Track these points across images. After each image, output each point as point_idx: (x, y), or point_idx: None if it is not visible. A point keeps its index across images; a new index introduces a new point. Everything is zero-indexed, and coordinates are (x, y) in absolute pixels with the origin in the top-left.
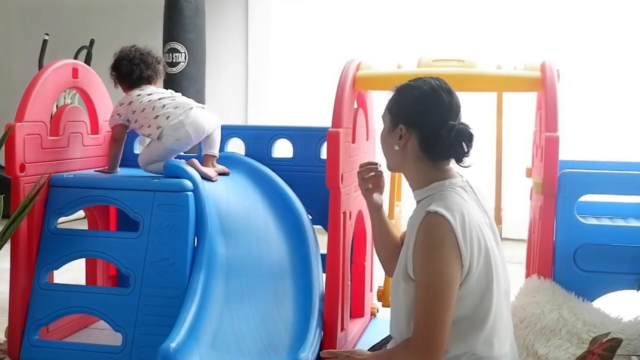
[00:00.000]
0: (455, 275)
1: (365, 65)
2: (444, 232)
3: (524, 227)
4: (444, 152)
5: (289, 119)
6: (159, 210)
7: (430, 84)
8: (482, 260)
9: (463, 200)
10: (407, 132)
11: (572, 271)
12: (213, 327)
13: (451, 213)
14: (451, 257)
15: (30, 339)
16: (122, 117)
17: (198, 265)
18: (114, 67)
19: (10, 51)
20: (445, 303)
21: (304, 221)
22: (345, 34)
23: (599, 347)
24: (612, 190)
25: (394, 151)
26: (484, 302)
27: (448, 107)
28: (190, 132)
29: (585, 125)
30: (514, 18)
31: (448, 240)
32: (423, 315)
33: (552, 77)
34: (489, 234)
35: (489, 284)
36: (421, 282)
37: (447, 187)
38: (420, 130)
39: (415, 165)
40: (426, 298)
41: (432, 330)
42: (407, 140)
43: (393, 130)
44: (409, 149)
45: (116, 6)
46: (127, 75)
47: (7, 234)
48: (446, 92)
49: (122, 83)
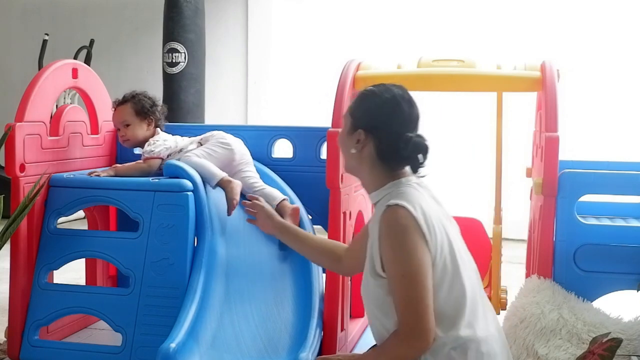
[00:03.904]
0: (427, 260)
1: (365, 65)
2: (407, 221)
3: (524, 227)
4: (400, 161)
5: (289, 119)
6: (159, 210)
7: (393, 93)
8: (446, 250)
9: (420, 194)
10: (365, 137)
11: (572, 271)
12: (213, 327)
13: (411, 204)
14: (419, 243)
15: (30, 339)
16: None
17: (198, 265)
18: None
19: (10, 51)
20: (423, 286)
21: (304, 221)
22: (345, 34)
23: (599, 347)
24: (612, 190)
25: (351, 154)
26: (454, 290)
27: (407, 118)
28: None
29: (585, 125)
30: (514, 18)
31: (412, 228)
32: (405, 303)
33: (552, 77)
34: (449, 225)
35: (456, 272)
36: (396, 273)
37: (404, 184)
38: (379, 138)
39: (371, 170)
40: (404, 286)
41: (417, 315)
42: (364, 145)
43: (352, 133)
44: (365, 153)
45: (116, 6)
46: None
47: (7, 234)
48: (407, 103)
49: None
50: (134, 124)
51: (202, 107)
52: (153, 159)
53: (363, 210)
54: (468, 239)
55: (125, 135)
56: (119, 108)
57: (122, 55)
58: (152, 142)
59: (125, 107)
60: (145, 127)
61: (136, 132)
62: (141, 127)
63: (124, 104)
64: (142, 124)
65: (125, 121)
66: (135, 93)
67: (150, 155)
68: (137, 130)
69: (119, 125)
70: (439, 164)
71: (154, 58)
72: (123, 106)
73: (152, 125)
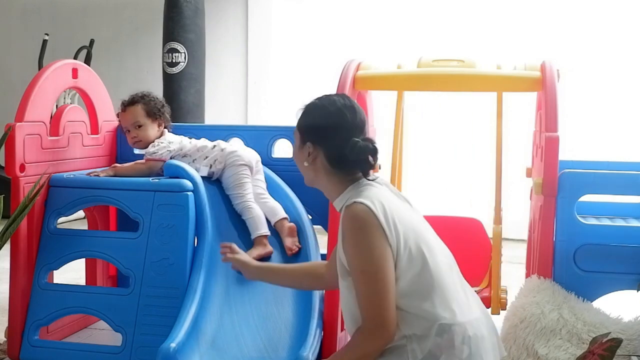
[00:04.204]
0: (387, 255)
1: (365, 65)
2: (366, 216)
3: (524, 227)
4: (351, 166)
5: (289, 119)
6: (159, 210)
7: (335, 103)
8: (410, 241)
9: (379, 190)
10: (314, 149)
11: (572, 271)
12: (213, 327)
13: (370, 200)
14: (378, 240)
15: (30, 339)
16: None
17: (198, 265)
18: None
19: (10, 51)
20: (384, 281)
21: (304, 221)
22: (345, 34)
23: (599, 347)
24: (612, 190)
25: (305, 167)
26: (422, 278)
27: (352, 124)
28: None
29: (585, 125)
30: (514, 18)
31: (372, 224)
32: (366, 299)
33: (552, 77)
34: (414, 217)
35: (424, 261)
36: (356, 268)
37: (362, 184)
38: (326, 148)
39: (327, 178)
40: (364, 282)
41: (379, 310)
42: (315, 157)
43: (302, 147)
44: (318, 164)
45: (116, 6)
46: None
47: (7, 234)
48: (349, 110)
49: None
50: (145, 125)
51: (202, 107)
52: (154, 160)
53: None
54: (468, 239)
55: (137, 136)
56: (129, 109)
57: (122, 55)
58: (156, 144)
59: (136, 108)
60: (156, 128)
61: (148, 133)
62: (153, 128)
63: (134, 104)
64: (154, 125)
65: (137, 122)
66: (144, 94)
67: (151, 157)
68: (149, 131)
69: (129, 126)
70: (439, 164)
71: (154, 58)
72: (133, 107)
73: (162, 126)
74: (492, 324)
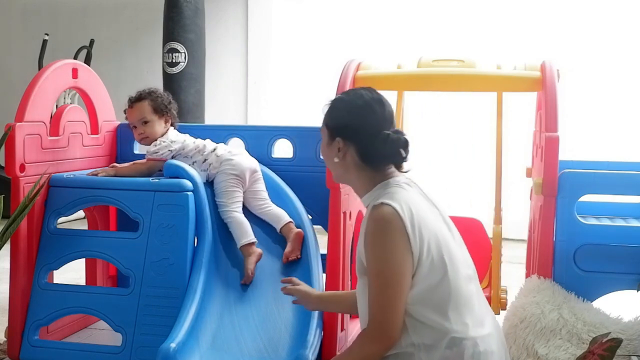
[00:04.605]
0: (405, 261)
1: (365, 65)
2: (391, 220)
3: (524, 227)
4: (383, 160)
5: (289, 119)
6: (159, 210)
7: (363, 97)
8: (433, 249)
9: (408, 193)
10: (344, 144)
11: (572, 271)
12: (213, 327)
13: (397, 203)
14: (400, 244)
15: (30, 339)
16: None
17: (198, 265)
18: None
19: (10, 51)
20: (397, 289)
21: (304, 221)
22: (345, 34)
23: (599, 347)
24: (612, 190)
25: (335, 163)
26: (440, 289)
27: (381, 117)
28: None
29: (585, 125)
30: (514, 18)
31: (396, 228)
32: (376, 302)
33: (552, 77)
34: (441, 225)
35: (445, 274)
36: (372, 271)
37: (392, 185)
38: (357, 142)
39: (358, 174)
40: (378, 286)
41: (386, 316)
42: (345, 152)
43: (331, 143)
44: (348, 160)
45: (116, 6)
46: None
47: (7, 234)
48: (378, 103)
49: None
50: (152, 121)
51: (202, 107)
52: (155, 160)
53: (363, 210)
54: (468, 239)
55: (143, 132)
56: (136, 105)
57: (122, 55)
58: (157, 143)
59: (143, 104)
60: (163, 124)
61: (155, 129)
62: (160, 125)
63: (141, 100)
64: (161, 121)
65: (143, 118)
66: (151, 90)
67: (152, 156)
68: (156, 127)
69: (136, 122)
70: (439, 164)
71: (154, 58)
72: (140, 103)
73: (168, 123)
74: (503, 339)
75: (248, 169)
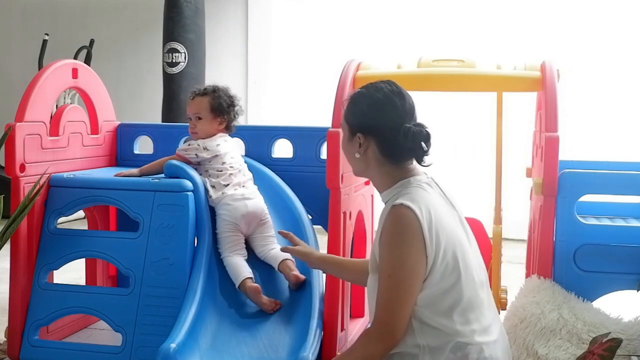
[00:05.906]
0: (418, 265)
1: (365, 65)
2: (409, 222)
3: (524, 227)
4: (404, 154)
5: (289, 119)
6: (159, 210)
7: (382, 91)
8: (449, 255)
9: (429, 195)
10: (365, 139)
11: (572, 271)
12: (213, 327)
13: (417, 205)
14: (415, 249)
15: (30, 339)
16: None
17: (198, 265)
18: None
19: (10, 51)
20: (406, 293)
21: (304, 221)
22: (345, 34)
23: (599, 347)
24: (612, 190)
25: (356, 159)
26: (451, 294)
27: (401, 111)
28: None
29: (585, 125)
30: (514, 18)
31: (413, 231)
32: (384, 303)
33: (552, 77)
34: (458, 229)
35: (458, 279)
36: (384, 271)
37: (412, 184)
38: (378, 137)
39: (379, 170)
40: (388, 287)
41: (393, 317)
42: (367, 148)
43: (352, 139)
44: (369, 155)
45: (116, 6)
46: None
47: (7, 234)
48: (398, 96)
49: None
50: (205, 119)
51: None
52: (181, 158)
53: (363, 210)
54: None
55: (194, 127)
56: (196, 99)
57: (122, 55)
58: (192, 142)
59: (203, 100)
60: (216, 124)
61: (206, 128)
62: (212, 124)
63: (203, 96)
64: (214, 121)
65: (198, 114)
66: (216, 87)
67: (180, 153)
68: (208, 126)
69: (192, 115)
70: (439, 164)
71: (154, 58)
72: (201, 98)
73: (222, 125)
74: (508, 346)
75: (244, 216)
